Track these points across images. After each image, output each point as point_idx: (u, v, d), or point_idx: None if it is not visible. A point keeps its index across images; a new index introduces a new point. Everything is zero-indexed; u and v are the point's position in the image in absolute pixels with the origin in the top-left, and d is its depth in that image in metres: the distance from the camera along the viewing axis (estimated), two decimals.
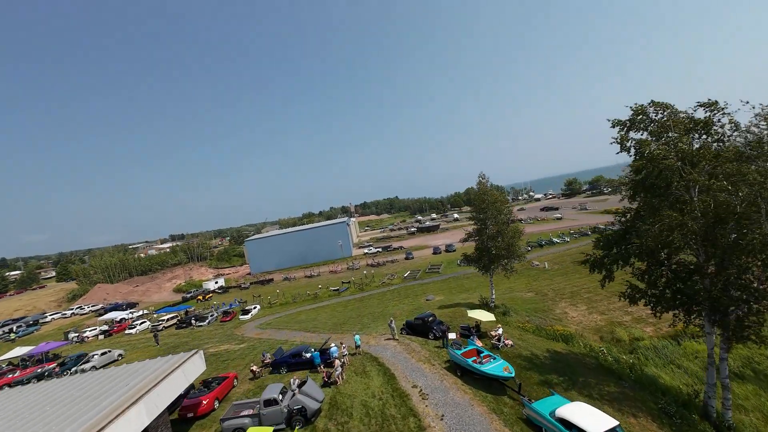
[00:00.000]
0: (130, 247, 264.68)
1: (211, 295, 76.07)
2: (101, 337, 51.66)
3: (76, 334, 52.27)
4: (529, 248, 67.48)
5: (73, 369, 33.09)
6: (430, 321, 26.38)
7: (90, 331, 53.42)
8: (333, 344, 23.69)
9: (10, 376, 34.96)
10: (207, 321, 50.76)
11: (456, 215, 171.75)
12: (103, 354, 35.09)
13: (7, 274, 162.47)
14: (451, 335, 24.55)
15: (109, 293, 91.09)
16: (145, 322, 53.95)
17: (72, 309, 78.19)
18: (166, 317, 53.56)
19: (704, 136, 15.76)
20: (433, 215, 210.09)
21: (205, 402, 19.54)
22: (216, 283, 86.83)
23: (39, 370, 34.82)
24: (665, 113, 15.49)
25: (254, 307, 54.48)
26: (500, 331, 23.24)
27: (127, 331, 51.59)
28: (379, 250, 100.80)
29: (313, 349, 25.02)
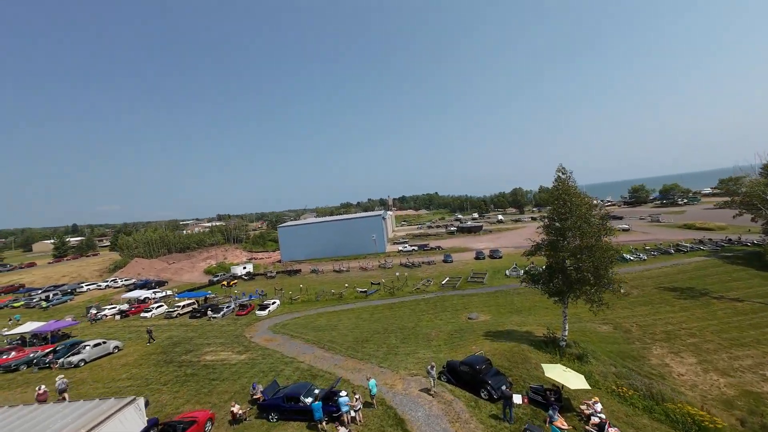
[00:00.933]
0: (181, 223, 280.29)
1: (236, 281, 73.13)
2: (118, 317, 49.42)
3: (95, 311, 50.60)
4: None
5: (60, 361, 29.43)
6: (483, 370, 18.49)
7: (109, 309, 51.58)
8: (344, 392, 16.70)
9: (4, 357, 32.29)
10: (222, 313, 46.52)
11: (500, 217, 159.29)
12: (96, 345, 31.23)
13: (68, 239, 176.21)
14: (517, 398, 16.59)
15: (145, 268, 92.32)
16: (162, 305, 51.09)
17: (107, 281, 79.29)
18: (182, 303, 50.23)
19: None
20: (475, 215, 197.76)
21: None
22: (244, 268, 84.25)
23: (31, 355, 31.78)
24: None
25: (273, 303, 49.51)
26: (599, 409, 14.82)
27: (142, 314, 48.88)
28: (415, 248, 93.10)
29: (317, 390, 18.31)
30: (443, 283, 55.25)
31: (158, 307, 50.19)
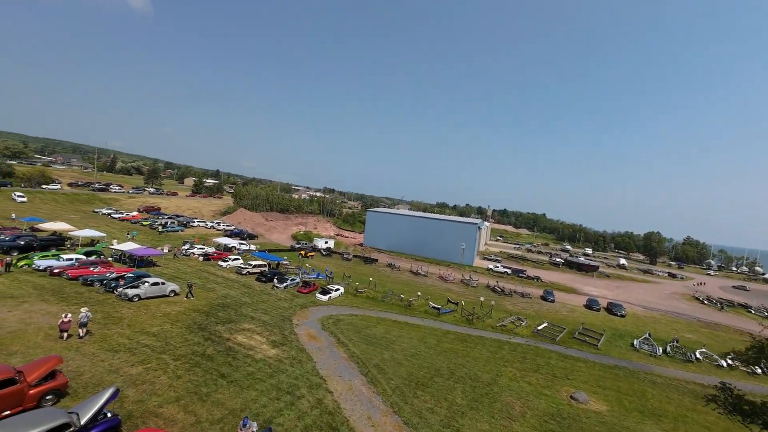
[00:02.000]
0: (293, 187, 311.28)
1: (313, 254, 72.48)
2: (200, 258, 51.79)
3: (186, 247, 54.10)
4: None
5: (119, 290, 29.29)
6: None
7: (198, 248, 54.63)
8: None
9: (92, 268, 34.47)
10: (285, 284, 44.09)
11: (623, 261, 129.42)
12: (154, 284, 30.55)
13: (206, 180, 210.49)
14: None
15: (246, 219, 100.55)
16: (238, 259, 51.72)
17: (213, 222, 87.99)
18: (254, 262, 49.84)
19: None
20: (588, 250, 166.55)
21: None
22: (326, 243, 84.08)
23: (107, 275, 33.01)
24: None
25: (337, 289, 45.15)
26: None
27: (220, 262, 50.06)
28: (508, 271, 79.63)
29: None
30: (539, 328, 43.05)
31: (234, 259, 50.81)
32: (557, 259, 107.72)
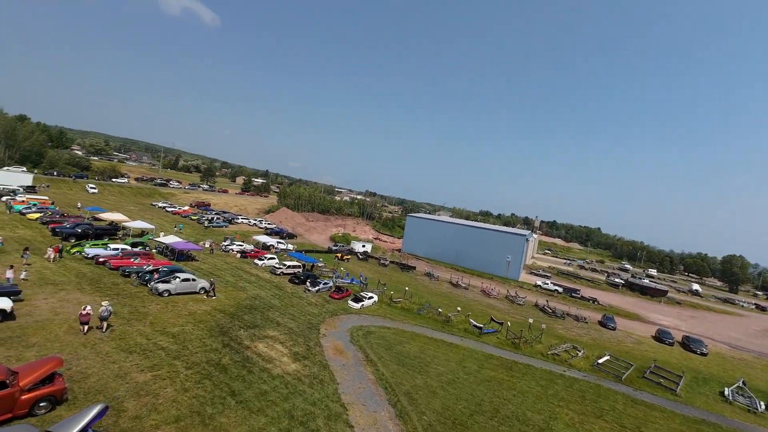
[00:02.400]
0: (336, 189, 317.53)
1: (349, 257, 70.80)
2: (238, 255, 52.02)
3: (226, 243, 54.79)
4: None
5: (151, 285, 29.01)
6: None
7: (237, 245, 55.10)
8: None
9: (132, 260, 35.03)
10: (317, 288, 42.38)
11: (696, 286, 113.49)
12: (185, 280, 29.96)
13: (255, 179, 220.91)
14: None
15: (287, 218, 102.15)
16: (274, 258, 51.17)
17: (256, 220, 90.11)
18: (289, 263, 48.89)
19: None
20: (652, 271, 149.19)
21: None
22: (363, 246, 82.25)
23: (145, 267, 33.21)
24: None
25: (370, 297, 42.56)
26: None
27: (256, 261, 49.81)
28: (559, 289, 72.10)
29: None
30: (600, 361, 37.01)
31: (270, 258, 50.28)
32: (616, 280, 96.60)
